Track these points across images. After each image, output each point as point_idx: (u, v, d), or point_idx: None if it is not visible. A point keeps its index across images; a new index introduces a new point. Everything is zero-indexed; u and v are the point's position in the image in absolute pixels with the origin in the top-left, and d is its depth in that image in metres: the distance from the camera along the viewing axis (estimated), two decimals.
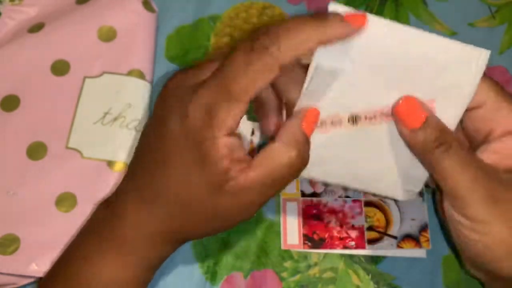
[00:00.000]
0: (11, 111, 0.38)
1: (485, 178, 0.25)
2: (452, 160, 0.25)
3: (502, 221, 0.25)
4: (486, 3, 0.45)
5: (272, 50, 0.23)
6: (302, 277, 0.36)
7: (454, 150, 0.26)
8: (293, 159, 0.25)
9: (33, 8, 0.42)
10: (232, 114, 0.24)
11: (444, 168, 0.26)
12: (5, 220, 0.35)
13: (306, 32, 0.23)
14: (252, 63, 0.23)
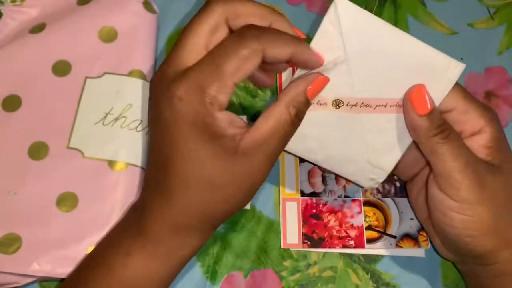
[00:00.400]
0: (13, 111, 0.38)
1: (475, 166, 0.28)
2: (450, 146, 0.28)
3: (486, 204, 0.28)
4: (484, 5, 0.45)
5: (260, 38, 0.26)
6: (301, 276, 0.36)
7: (452, 138, 0.28)
8: (293, 118, 0.27)
9: (34, 9, 0.42)
10: (224, 92, 0.26)
11: (442, 153, 0.28)
12: (6, 220, 0.35)
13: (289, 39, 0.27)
14: (243, 47, 0.25)
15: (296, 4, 0.45)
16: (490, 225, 0.28)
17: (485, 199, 0.28)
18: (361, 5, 0.44)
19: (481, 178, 0.28)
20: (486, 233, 0.29)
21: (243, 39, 0.26)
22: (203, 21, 0.27)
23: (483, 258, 0.30)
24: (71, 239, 0.34)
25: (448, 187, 0.29)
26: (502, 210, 0.29)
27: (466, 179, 0.28)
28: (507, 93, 0.42)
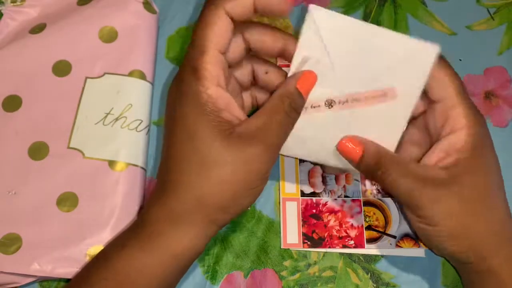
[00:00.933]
0: (13, 111, 0.38)
1: (422, 185, 0.29)
2: (390, 178, 0.30)
3: (442, 216, 0.30)
4: (483, 6, 0.45)
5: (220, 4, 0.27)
6: (301, 276, 0.36)
7: (390, 171, 0.30)
8: (287, 107, 0.28)
9: (34, 9, 0.42)
10: (210, 61, 0.27)
11: (386, 185, 0.30)
12: (6, 220, 0.35)
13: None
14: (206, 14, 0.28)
15: (296, 5, 0.45)
16: (452, 231, 0.30)
17: (441, 211, 0.29)
18: (361, 5, 0.45)
19: (432, 196, 0.29)
20: (450, 239, 0.30)
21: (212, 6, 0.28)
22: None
23: (457, 258, 0.31)
24: (72, 239, 0.34)
25: (406, 208, 0.31)
26: (464, 217, 0.30)
27: (415, 202, 0.30)
28: (507, 93, 0.42)
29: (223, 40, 0.28)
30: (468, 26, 0.44)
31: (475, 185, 0.30)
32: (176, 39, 0.43)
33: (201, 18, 0.28)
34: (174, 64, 0.43)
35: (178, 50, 0.43)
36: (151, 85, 0.40)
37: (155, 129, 0.40)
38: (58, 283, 0.36)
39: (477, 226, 0.30)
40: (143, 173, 0.38)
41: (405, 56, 0.30)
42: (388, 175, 0.30)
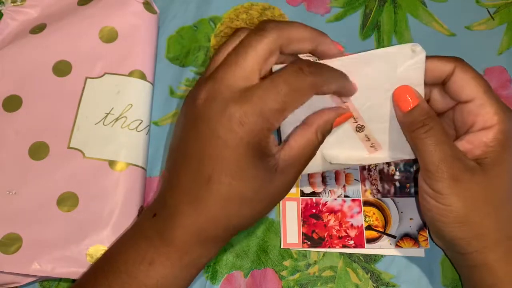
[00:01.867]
0: (13, 111, 0.38)
1: (452, 161, 0.30)
2: (429, 140, 0.30)
3: (458, 197, 0.30)
4: (483, 6, 0.45)
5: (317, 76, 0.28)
6: (301, 275, 0.36)
7: (432, 133, 0.30)
8: (320, 142, 0.30)
9: (35, 9, 0.42)
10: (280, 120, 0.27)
11: (422, 145, 0.31)
12: (7, 220, 0.35)
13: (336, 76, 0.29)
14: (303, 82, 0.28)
15: (296, 5, 0.45)
16: (461, 216, 0.30)
17: (458, 192, 0.30)
18: (361, 5, 0.45)
19: (456, 174, 0.30)
20: (456, 222, 0.31)
21: (303, 74, 0.27)
22: (261, 45, 0.28)
23: (456, 246, 0.32)
24: (72, 239, 0.34)
25: (425, 177, 0.31)
26: (476, 206, 0.30)
27: (439, 173, 0.30)
28: (507, 93, 0.42)
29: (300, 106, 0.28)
30: (468, 26, 0.44)
31: (499, 180, 0.30)
32: (176, 39, 0.43)
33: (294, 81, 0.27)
34: (174, 64, 0.43)
35: (178, 50, 0.43)
36: (151, 85, 0.40)
37: (155, 129, 0.40)
38: (58, 283, 0.36)
39: (486, 219, 0.30)
40: (143, 173, 0.38)
41: (399, 65, 0.30)
42: (429, 135, 0.30)
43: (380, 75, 0.31)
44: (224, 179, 0.27)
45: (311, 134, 0.29)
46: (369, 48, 0.43)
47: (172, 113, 0.41)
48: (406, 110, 0.31)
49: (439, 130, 0.30)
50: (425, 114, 0.31)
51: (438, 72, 0.32)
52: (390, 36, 0.43)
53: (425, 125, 0.30)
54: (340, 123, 0.31)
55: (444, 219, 0.31)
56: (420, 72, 0.31)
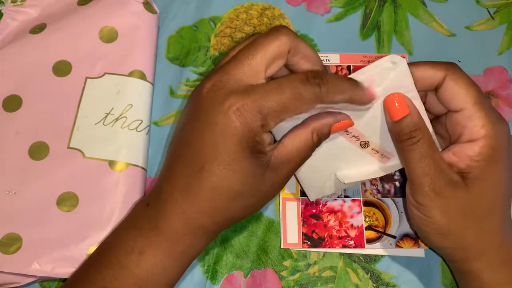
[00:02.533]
0: (13, 111, 0.38)
1: (434, 175, 0.30)
2: (414, 152, 0.30)
3: (438, 210, 0.30)
4: (483, 6, 0.45)
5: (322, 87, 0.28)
6: (301, 276, 0.36)
7: (419, 145, 0.30)
8: (315, 144, 0.30)
9: (35, 9, 0.42)
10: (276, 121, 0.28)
11: (406, 157, 0.31)
12: (7, 220, 0.35)
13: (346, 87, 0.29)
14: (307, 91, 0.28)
15: (296, 5, 0.45)
16: (442, 227, 0.31)
17: (439, 206, 0.30)
18: (361, 6, 0.45)
19: (438, 188, 0.30)
20: (437, 233, 0.31)
21: (308, 84, 0.28)
22: (271, 46, 0.28)
23: (442, 254, 0.33)
24: (72, 239, 0.34)
25: (409, 188, 0.32)
26: (457, 218, 0.30)
27: (421, 187, 0.30)
28: (507, 93, 0.42)
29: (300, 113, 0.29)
30: (468, 26, 0.44)
31: (483, 195, 0.30)
32: (176, 39, 0.43)
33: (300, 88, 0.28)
34: (174, 64, 0.43)
35: (178, 50, 0.43)
36: (151, 85, 0.40)
37: (155, 129, 0.40)
38: (58, 283, 0.36)
39: (467, 231, 0.31)
40: (144, 173, 0.38)
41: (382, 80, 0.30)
42: (414, 148, 0.30)
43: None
44: (216, 169, 0.27)
45: (306, 134, 0.30)
46: (369, 48, 0.43)
47: (172, 113, 0.41)
48: (396, 119, 0.31)
49: (425, 143, 0.30)
50: (413, 125, 0.30)
51: (429, 81, 0.31)
52: (390, 36, 0.43)
53: (412, 138, 0.30)
54: (339, 130, 0.31)
55: (427, 229, 0.32)
56: (407, 79, 0.31)
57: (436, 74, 0.31)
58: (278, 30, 0.29)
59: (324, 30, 0.44)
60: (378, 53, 0.43)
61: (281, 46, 0.28)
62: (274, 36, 0.28)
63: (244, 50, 0.29)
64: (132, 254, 0.29)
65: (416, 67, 0.31)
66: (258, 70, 0.28)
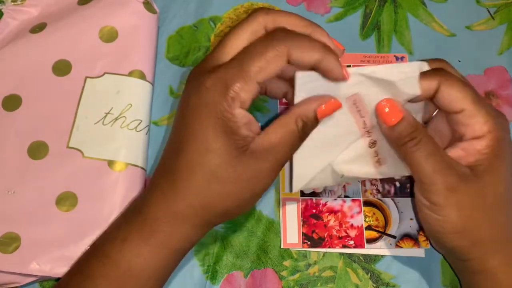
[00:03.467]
0: (13, 110, 0.38)
1: (446, 171, 0.30)
2: (420, 152, 0.30)
3: (454, 207, 0.30)
4: (483, 6, 0.45)
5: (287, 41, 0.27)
6: (301, 276, 0.36)
7: (422, 145, 0.30)
8: (300, 131, 0.29)
9: (35, 8, 0.42)
10: (246, 90, 0.27)
11: (412, 159, 0.30)
12: (6, 219, 0.35)
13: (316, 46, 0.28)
14: (269, 49, 0.27)
15: (296, 5, 0.45)
16: (458, 226, 0.30)
17: (454, 202, 0.30)
18: (361, 5, 0.45)
19: (451, 184, 0.30)
20: (454, 232, 0.31)
21: (270, 41, 0.28)
22: (245, 26, 0.29)
23: (456, 253, 0.32)
24: (71, 239, 0.34)
25: (421, 189, 0.31)
26: (473, 214, 0.30)
27: (434, 185, 0.30)
28: (507, 93, 0.42)
29: (268, 78, 0.28)
30: (468, 26, 0.44)
31: (492, 186, 0.30)
32: (176, 38, 0.43)
33: (259, 46, 0.28)
34: (174, 64, 0.43)
35: (178, 50, 0.43)
36: (151, 85, 0.40)
37: (155, 129, 0.40)
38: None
39: (483, 226, 0.30)
40: (143, 173, 0.38)
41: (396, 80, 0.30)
42: (418, 148, 0.30)
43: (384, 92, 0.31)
44: (190, 147, 0.28)
45: (289, 120, 0.29)
46: (369, 48, 0.43)
47: (172, 113, 0.41)
48: (391, 124, 0.30)
49: (428, 141, 0.30)
50: (412, 127, 0.30)
51: (425, 92, 0.31)
52: (390, 36, 0.43)
53: (414, 138, 0.30)
54: (327, 114, 0.30)
55: (442, 230, 0.31)
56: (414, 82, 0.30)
57: (431, 85, 0.30)
58: (253, 12, 0.29)
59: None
60: (378, 53, 0.43)
61: (255, 23, 0.29)
62: (248, 17, 0.29)
63: (224, 36, 0.30)
64: (115, 242, 0.29)
65: None
66: (235, 50, 0.29)
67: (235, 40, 0.29)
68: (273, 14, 0.29)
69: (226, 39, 0.29)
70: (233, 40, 0.29)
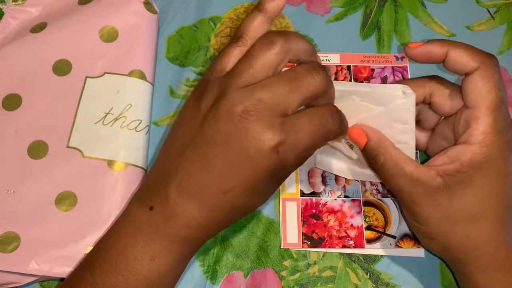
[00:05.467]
0: (13, 110, 0.38)
1: (409, 188, 0.31)
2: (383, 173, 0.32)
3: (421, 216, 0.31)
4: (483, 6, 0.45)
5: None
6: (301, 276, 0.36)
7: (385, 167, 0.31)
8: None
9: (35, 8, 0.42)
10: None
11: (383, 179, 0.32)
12: (5, 218, 0.35)
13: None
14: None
15: (296, 5, 0.45)
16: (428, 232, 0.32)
17: (421, 212, 0.31)
18: (361, 6, 0.45)
19: (416, 199, 0.31)
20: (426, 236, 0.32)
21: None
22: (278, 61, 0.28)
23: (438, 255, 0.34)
24: (70, 239, 0.34)
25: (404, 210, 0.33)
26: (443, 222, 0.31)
27: (401, 200, 0.32)
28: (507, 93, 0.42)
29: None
30: (468, 26, 0.44)
31: (464, 199, 0.30)
32: (176, 39, 0.43)
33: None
34: (174, 64, 0.43)
35: (178, 50, 0.43)
36: (151, 85, 0.40)
37: (155, 129, 0.40)
38: (58, 283, 0.36)
39: (452, 235, 0.31)
40: (143, 173, 0.38)
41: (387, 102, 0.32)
42: (383, 168, 0.32)
43: (369, 108, 0.32)
44: (242, 194, 0.28)
45: None
46: (370, 48, 0.43)
47: (172, 113, 0.41)
48: (362, 148, 0.33)
49: (390, 162, 0.31)
50: (373, 150, 0.32)
51: (460, 66, 0.30)
52: (391, 36, 0.43)
53: (376, 162, 0.32)
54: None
55: (416, 232, 0.34)
56: (410, 113, 0.32)
57: (469, 63, 0.30)
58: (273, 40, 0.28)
59: (324, 30, 0.44)
60: (378, 53, 0.43)
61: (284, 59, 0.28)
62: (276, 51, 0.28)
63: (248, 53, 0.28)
64: (143, 260, 0.28)
65: (454, 47, 0.30)
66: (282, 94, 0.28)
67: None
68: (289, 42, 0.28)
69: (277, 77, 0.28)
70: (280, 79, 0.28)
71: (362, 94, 0.32)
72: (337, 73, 0.42)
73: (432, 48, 0.31)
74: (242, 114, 0.27)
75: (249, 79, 0.27)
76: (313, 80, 0.28)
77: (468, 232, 0.30)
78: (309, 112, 0.28)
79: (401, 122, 0.32)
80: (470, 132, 0.30)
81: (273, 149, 0.27)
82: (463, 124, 0.31)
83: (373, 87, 0.32)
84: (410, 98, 0.31)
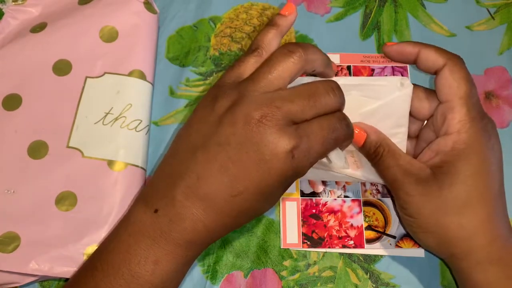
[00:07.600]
0: (13, 110, 0.38)
1: (403, 178, 0.32)
2: (381, 164, 0.33)
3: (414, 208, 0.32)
4: (483, 6, 0.45)
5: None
6: (301, 276, 0.36)
7: (383, 158, 0.33)
8: None
9: (35, 8, 0.42)
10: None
11: (377, 169, 0.34)
12: (5, 218, 0.35)
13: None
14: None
15: (296, 5, 0.45)
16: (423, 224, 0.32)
17: (414, 204, 0.32)
18: (361, 6, 0.45)
19: (408, 189, 0.32)
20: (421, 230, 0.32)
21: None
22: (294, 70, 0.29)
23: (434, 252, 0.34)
24: (70, 239, 0.34)
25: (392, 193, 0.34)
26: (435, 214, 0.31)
27: (394, 191, 0.33)
28: (507, 93, 0.42)
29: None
30: (468, 26, 0.44)
31: (452, 189, 0.31)
32: (176, 39, 0.43)
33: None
34: (174, 64, 0.43)
35: (178, 50, 0.43)
36: (151, 85, 0.40)
37: (155, 129, 0.40)
38: (58, 283, 0.36)
39: (446, 227, 0.31)
40: (143, 173, 0.38)
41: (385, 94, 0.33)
42: (382, 162, 0.33)
43: (369, 102, 0.33)
44: (251, 198, 0.28)
45: None
46: (369, 48, 0.43)
47: (172, 113, 0.41)
48: (360, 145, 0.34)
49: (389, 155, 0.33)
50: (375, 144, 0.33)
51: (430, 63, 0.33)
52: (391, 36, 0.43)
53: (377, 154, 0.33)
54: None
55: (411, 228, 0.33)
56: (406, 104, 0.33)
57: (438, 60, 0.32)
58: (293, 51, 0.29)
59: (324, 30, 0.44)
60: (378, 53, 0.43)
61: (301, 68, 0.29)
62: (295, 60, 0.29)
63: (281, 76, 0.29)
64: (146, 264, 0.28)
65: (425, 47, 0.33)
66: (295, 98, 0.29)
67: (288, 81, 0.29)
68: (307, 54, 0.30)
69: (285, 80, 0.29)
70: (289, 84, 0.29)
71: (361, 88, 0.32)
72: (337, 73, 0.42)
73: (405, 47, 0.34)
74: (260, 119, 0.27)
75: (267, 85, 0.28)
76: (330, 99, 0.29)
77: (460, 222, 0.31)
78: (319, 119, 0.29)
79: (397, 115, 0.33)
80: (447, 123, 0.31)
81: (289, 153, 0.27)
82: (440, 118, 0.32)
83: (372, 80, 0.33)
84: (407, 89, 0.32)
